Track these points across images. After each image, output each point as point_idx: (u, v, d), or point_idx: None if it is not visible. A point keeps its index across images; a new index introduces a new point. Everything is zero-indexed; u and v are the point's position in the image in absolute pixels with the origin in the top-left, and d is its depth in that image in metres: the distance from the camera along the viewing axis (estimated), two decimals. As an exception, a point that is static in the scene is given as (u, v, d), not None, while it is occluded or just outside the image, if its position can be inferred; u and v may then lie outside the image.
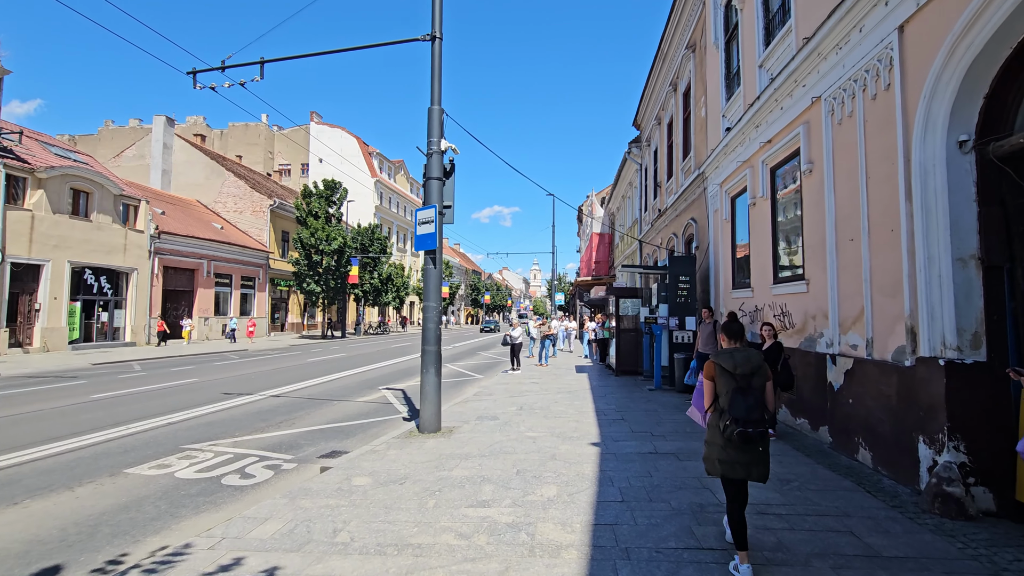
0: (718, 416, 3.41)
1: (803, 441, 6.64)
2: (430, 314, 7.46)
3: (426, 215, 7.52)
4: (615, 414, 8.62)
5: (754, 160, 8.92)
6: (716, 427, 3.41)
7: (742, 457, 3.33)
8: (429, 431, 7.33)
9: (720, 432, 3.36)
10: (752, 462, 3.35)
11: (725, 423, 3.31)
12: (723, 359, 3.45)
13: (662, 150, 17.60)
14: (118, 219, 24.46)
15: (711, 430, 3.49)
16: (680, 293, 11.41)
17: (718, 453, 3.40)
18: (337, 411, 9.59)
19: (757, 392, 3.35)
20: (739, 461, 3.34)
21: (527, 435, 7.13)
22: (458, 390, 12.25)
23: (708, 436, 3.53)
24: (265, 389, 11.97)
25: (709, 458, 3.48)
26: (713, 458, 3.44)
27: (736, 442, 3.30)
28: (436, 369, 7.44)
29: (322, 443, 7.34)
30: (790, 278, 7.64)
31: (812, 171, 6.90)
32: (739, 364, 3.38)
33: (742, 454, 3.33)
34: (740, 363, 3.39)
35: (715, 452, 3.43)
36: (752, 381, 3.37)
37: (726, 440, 3.33)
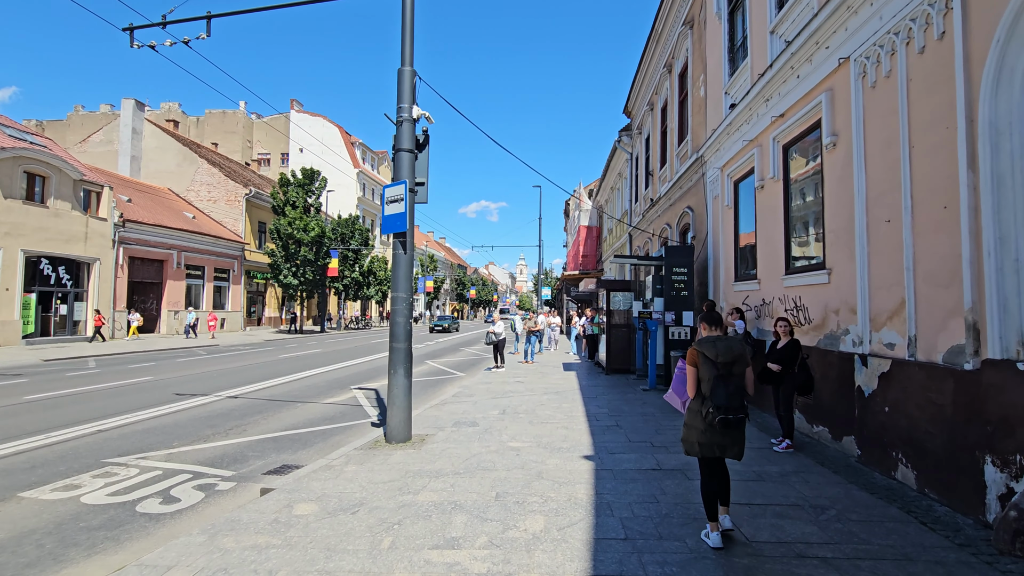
0: (700, 402, 3.61)
1: (824, 453, 5.81)
2: (399, 306, 6.50)
3: (394, 193, 6.54)
4: (608, 419, 7.75)
5: (763, 138, 8.06)
6: (698, 412, 3.62)
7: (721, 440, 3.57)
8: (397, 441, 6.38)
9: (702, 417, 3.56)
10: (729, 444, 3.60)
11: (708, 409, 3.51)
12: (706, 347, 3.59)
13: (655, 137, 16.75)
14: (78, 206, 22.98)
15: (692, 414, 3.68)
16: (677, 286, 10.56)
17: (698, 436, 3.61)
18: (299, 415, 8.58)
19: (737, 380, 3.58)
20: (717, 443, 3.57)
21: (510, 445, 6.22)
22: (436, 390, 11.29)
23: (688, 419, 3.71)
24: (224, 389, 10.90)
25: (688, 440, 3.68)
26: (693, 440, 3.64)
27: (717, 427, 3.52)
28: (406, 370, 6.48)
29: (273, 455, 6.35)
30: (806, 268, 6.81)
31: (836, 145, 6.05)
32: (721, 352, 3.55)
33: (721, 437, 3.56)
34: (722, 352, 3.55)
35: (695, 435, 3.63)
36: (733, 369, 3.57)
37: (707, 425, 3.54)
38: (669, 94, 14.70)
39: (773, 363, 6.07)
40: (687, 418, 3.72)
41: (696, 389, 3.68)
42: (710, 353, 3.56)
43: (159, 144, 35.47)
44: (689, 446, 3.67)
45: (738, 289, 9.22)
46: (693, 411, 3.66)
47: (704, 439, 3.58)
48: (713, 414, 3.48)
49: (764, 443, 6.26)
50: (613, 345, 13.08)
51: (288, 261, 31.34)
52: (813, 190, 6.75)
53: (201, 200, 34.58)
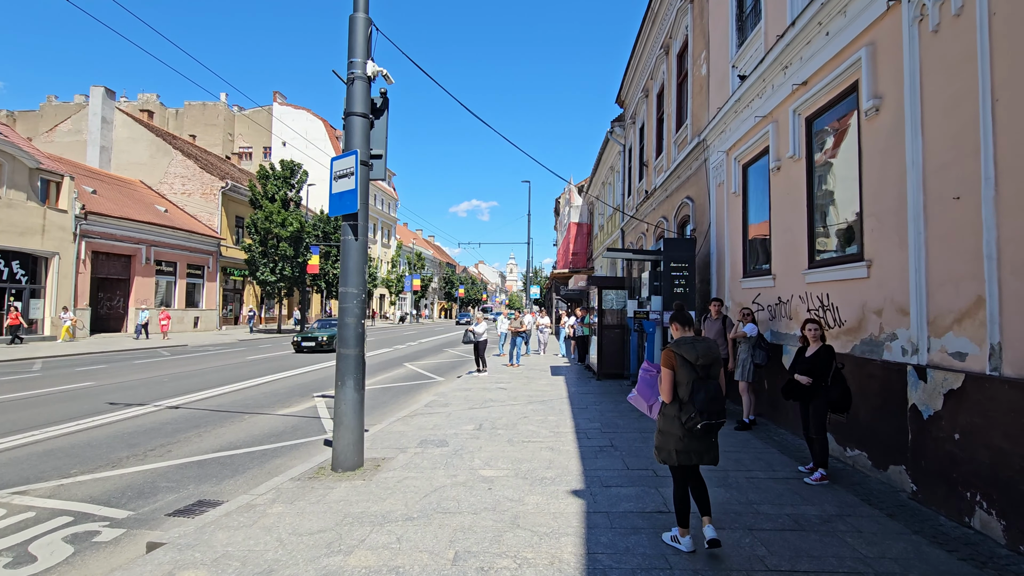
0: (677, 408, 3.43)
1: (866, 485, 4.74)
2: (349, 303, 5.34)
3: (343, 166, 5.38)
4: (601, 436, 6.64)
5: (780, 112, 7.00)
6: (675, 418, 3.44)
7: (698, 446, 3.42)
8: (345, 468, 5.22)
9: (680, 423, 3.40)
10: (706, 450, 3.46)
11: (690, 415, 3.35)
12: (684, 349, 3.42)
13: (650, 125, 15.69)
14: (35, 196, 21.49)
15: (668, 420, 3.49)
16: (676, 283, 9.49)
17: (675, 444, 3.44)
18: (243, 430, 7.39)
19: (715, 382, 3.43)
20: (695, 449, 3.41)
21: (482, 474, 5.08)
22: (408, 398, 10.13)
23: (664, 426, 3.52)
24: (168, 397, 9.66)
25: (664, 448, 3.50)
26: (670, 448, 3.46)
27: (698, 433, 3.38)
28: (356, 381, 5.32)
29: (191, 486, 5.17)
30: (837, 260, 5.74)
31: (879, 110, 4.99)
32: (701, 355, 3.40)
33: (699, 443, 3.42)
34: (702, 354, 3.41)
35: (672, 443, 3.45)
36: (711, 371, 3.45)
37: (687, 431, 3.38)
38: (666, 77, 13.63)
39: (802, 374, 5.00)
40: (662, 424, 3.52)
41: (672, 394, 3.46)
42: (689, 356, 3.39)
43: (131, 134, 33.87)
44: (666, 455, 3.48)
45: (747, 286, 8.16)
46: (669, 417, 3.47)
47: (682, 446, 3.40)
48: (695, 419, 3.33)
49: (789, 470, 5.19)
50: (605, 348, 11.99)
51: (265, 257, 29.93)
52: (846, 168, 5.68)
53: (175, 193, 33.05)
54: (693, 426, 3.33)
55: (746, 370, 6.84)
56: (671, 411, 3.46)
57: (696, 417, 3.32)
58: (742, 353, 6.92)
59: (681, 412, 3.39)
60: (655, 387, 3.77)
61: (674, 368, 3.43)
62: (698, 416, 3.32)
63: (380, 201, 58.59)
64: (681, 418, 3.38)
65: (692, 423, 3.33)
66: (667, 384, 3.45)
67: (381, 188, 58.43)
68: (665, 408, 3.51)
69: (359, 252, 5.38)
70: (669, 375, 3.45)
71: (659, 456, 3.53)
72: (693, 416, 3.33)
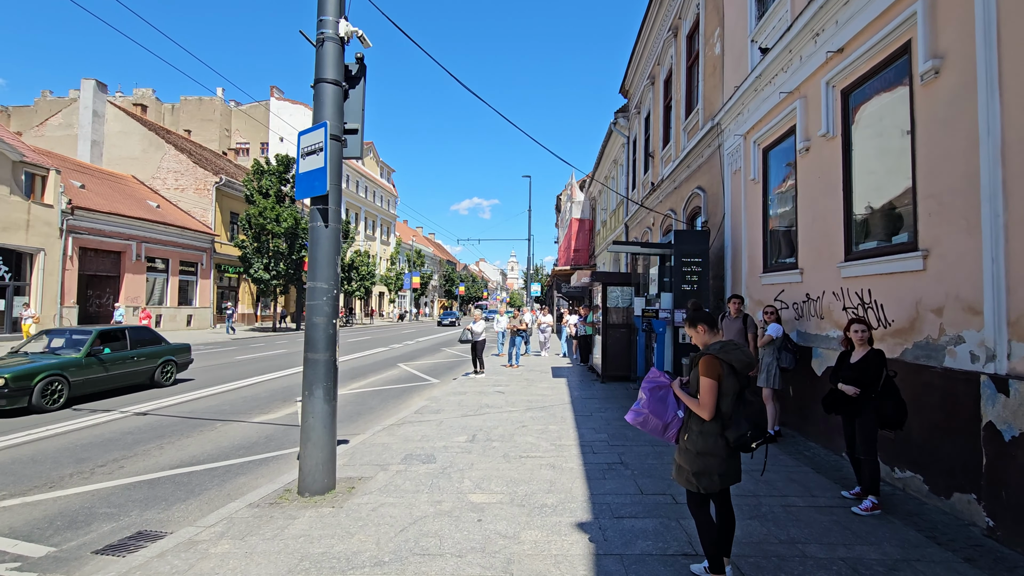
0: (719, 424, 2.87)
1: (926, 516, 4.00)
2: (318, 300, 4.60)
3: (312, 141, 4.64)
4: (608, 450, 5.90)
5: (809, 86, 6.25)
6: (718, 436, 2.87)
7: (735, 465, 2.97)
8: (313, 492, 4.49)
9: (726, 442, 2.86)
10: (738, 468, 3.01)
11: (742, 432, 2.83)
12: (734, 355, 2.88)
13: (656, 113, 14.93)
14: (18, 190, 20.76)
15: (709, 439, 2.87)
16: (688, 279, 8.74)
17: (718, 466, 2.88)
18: (212, 440, 6.67)
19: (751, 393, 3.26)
20: (733, 470, 2.95)
21: (471, 500, 4.35)
22: (398, 403, 9.40)
23: (703, 447, 2.88)
24: (138, 402, 8.94)
25: (707, 472, 2.88)
26: (712, 471, 2.88)
27: (746, 450, 2.88)
28: (326, 391, 4.59)
29: (135, 513, 4.44)
30: (882, 250, 4.99)
31: (940, 72, 4.23)
32: (742, 361, 2.89)
33: (737, 463, 2.97)
34: (744, 360, 2.90)
35: (715, 465, 2.87)
36: (749, 381, 3.17)
37: (732, 450, 2.89)
38: (674, 61, 12.86)
39: (846, 383, 4.26)
40: (702, 445, 2.89)
41: (715, 408, 2.86)
42: (738, 363, 2.89)
43: (123, 128, 33.12)
44: (708, 481, 2.89)
45: (768, 282, 7.42)
46: (710, 435, 2.88)
47: (724, 468, 2.91)
48: (749, 436, 2.83)
49: (831, 496, 4.45)
50: (610, 348, 11.25)
51: (260, 254, 29.21)
52: (894, 144, 4.93)
53: (168, 188, 32.31)
54: (745, 444, 2.83)
55: (771, 376, 6.09)
56: (713, 428, 2.88)
57: (751, 434, 2.83)
58: (766, 357, 6.17)
59: (727, 429, 2.87)
60: (672, 403, 3.07)
61: (720, 379, 2.85)
62: (754, 432, 2.84)
63: (379, 198, 57.87)
64: (728, 436, 2.86)
65: (744, 441, 2.83)
66: (711, 397, 2.84)
67: (380, 184, 57.72)
68: (705, 426, 2.90)
69: (330, 241, 4.64)
70: (714, 387, 2.85)
71: (700, 484, 2.91)
72: (746, 433, 2.83)
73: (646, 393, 3.08)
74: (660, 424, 3.05)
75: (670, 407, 3.04)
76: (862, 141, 5.43)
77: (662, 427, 3.06)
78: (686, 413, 3.00)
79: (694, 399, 2.90)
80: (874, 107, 5.23)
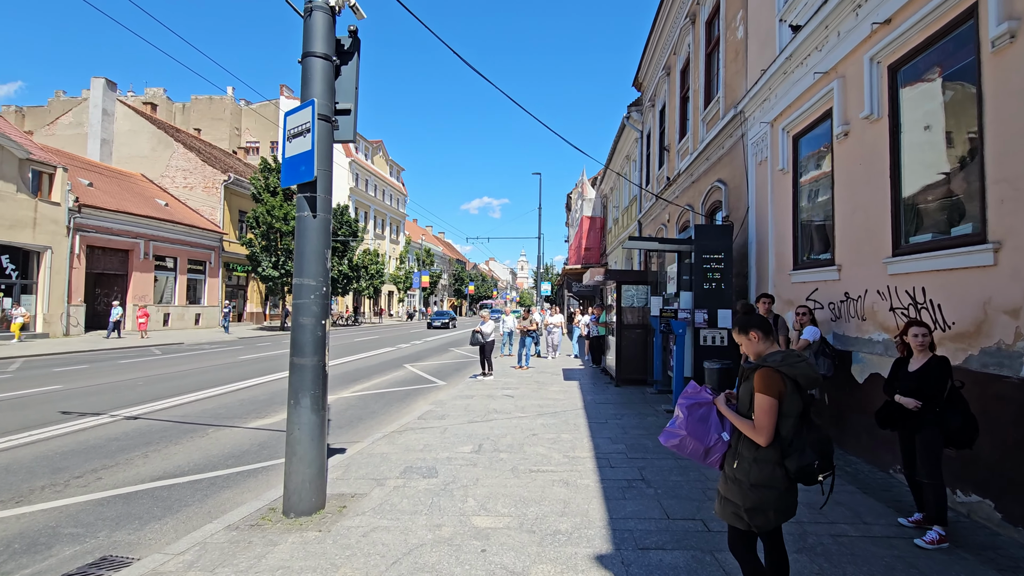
0: (778, 451, 2.34)
1: (1003, 550, 3.45)
2: (305, 299, 4.14)
3: (299, 122, 4.18)
4: (627, 464, 5.38)
5: (849, 64, 5.68)
6: (776, 465, 2.35)
7: (793, 500, 2.43)
8: (299, 512, 4.02)
9: (785, 473, 2.34)
10: (795, 502, 2.45)
11: (808, 461, 2.29)
12: (799, 369, 2.35)
13: (672, 105, 14.35)
14: (25, 188, 20.64)
15: (765, 469, 2.35)
16: (710, 276, 8.18)
17: (776, 501, 2.36)
18: (200, 449, 6.25)
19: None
20: (791, 505, 2.42)
21: (475, 524, 3.86)
22: (402, 407, 8.94)
23: (759, 478, 2.35)
24: (132, 404, 8.57)
25: (763, 508, 2.36)
26: (768, 508, 2.36)
27: (803, 483, 2.36)
28: (314, 400, 4.12)
29: (103, 534, 4.01)
30: (943, 243, 4.41)
31: (1016, 36, 3.67)
32: (808, 376, 2.37)
33: (795, 495, 2.43)
34: (811, 375, 2.38)
35: (772, 499, 2.35)
36: (813, 399, 2.60)
37: (791, 483, 2.37)
38: (692, 49, 12.28)
39: (905, 395, 3.71)
40: (756, 476, 2.36)
41: (774, 431, 2.33)
42: (804, 379, 2.36)
43: (132, 127, 33.10)
44: (762, 518, 2.38)
45: (799, 280, 6.85)
46: (766, 464, 2.36)
47: (782, 504, 2.40)
48: (817, 468, 2.30)
49: (886, 523, 3.90)
50: (625, 350, 10.71)
51: (268, 252, 28.98)
52: (955, 124, 4.36)
53: (176, 187, 32.24)
54: (810, 476, 2.30)
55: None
56: (770, 456, 2.36)
57: (818, 463, 2.30)
58: (801, 361, 5.61)
59: (787, 457, 2.34)
60: (715, 423, 2.54)
61: (782, 397, 2.34)
62: (821, 461, 2.30)
63: (389, 196, 57.64)
64: (788, 466, 2.34)
65: (809, 471, 2.30)
66: (769, 419, 2.33)
67: (390, 183, 57.48)
68: (760, 453, 2.37)
69: (319, 233, 4.17)
70: (774, 407, 2.33)
71: (751, 521, 2.39)
72: (813, 463, 2.29)
73: (683, 411, 2.56)
74: (701, 448, 2.52)
75: (713, 428, 2.52)
76: (914, 122, 4.86)
77: (703, 452, 2.53)
78: (734, 436, 2.49)
79: (747, 420, 2.38)
80: (929, 82, 4.66)
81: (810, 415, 2.39)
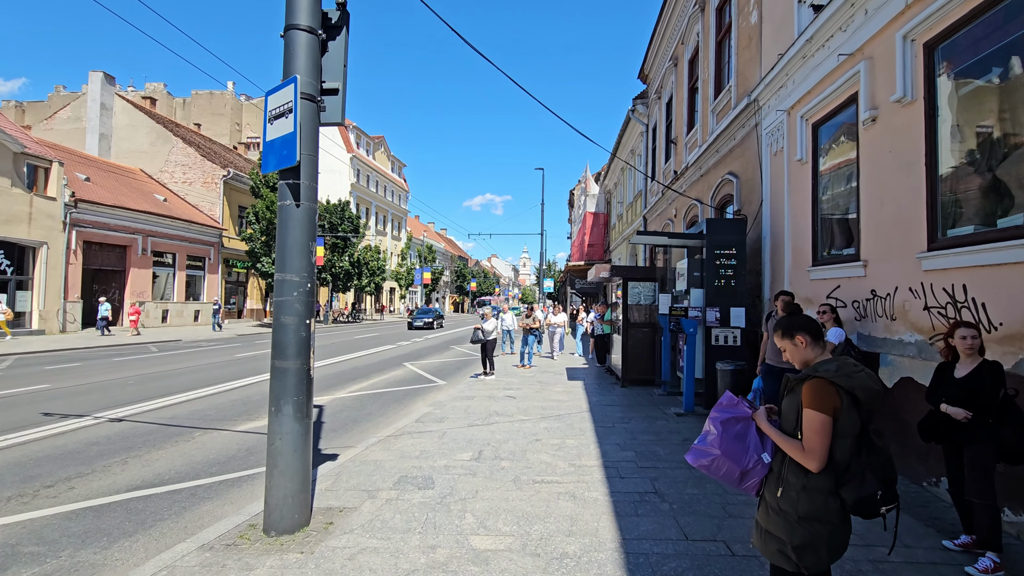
0: (832, 478, 1.95)
1: (1064, 579, 3.07)
2: (287, 296, 3.77)
3: (280, 102, 3.80)
4: (638, 474, 5.02)
5: (877, 44, 5.27)
6: (830, 496, 1.96)
7: (847, 536, 2.03)
8: (281, 530, 3.67)
9: (840, 504, 1.95)
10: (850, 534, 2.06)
11: (870, 492, 1.89)
12: (857, 381, 1.95)
13: (679, 97, 13.93)
14: (20, 182, 20.32)
15: (817, 499, 1.96)
16: (722, 273, 7.80)
17: (829, 537, 1.97)
18: (185, 454, 5.90)
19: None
20: (845, 542, 2.02)
21: (473, 545, 3.50)
22: (400, 408, 8.58)
23: (809, 510, 1.96)
24: (120, 405, 8.23)
25: (816, 546, 1.96)
26: (820, 545, 1.97)
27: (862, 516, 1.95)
28: (298, 407, 3.75)
29: (66, 553, 3.66)
30: (989, 236, 4.02)
31: (1081, 3, 3.27)
32: (869, 390, 1.96)
33: (849, 528, 2.03)
34: (872, 388, 1.97)
35: (824, 535, 1.96)
36: (873, 416, 2.04)
37: (845, 516, 1.98)
38: (701, 38, 11.86)
39: (953, 404, 3.34)
40: (806, 507, 1.96)
41: (827, 455, 1.92)
42: (863, 392, 1.93)
43: (131, 121, 32.76)
44: (814, 557, 1.97)
45: (819, 277, 6.46)
46: (818, 494, 1.95)
47: (836, 540, 1.99)
48: (874, 499, 1.88)
49: (928, 546, 3.52)
50: (631, 349, 10.33)
51: (268, 248, 28.64)
52: (1009, 100, 3.96)
53: (175, 182, 31.92)
54: (871, 508, 1.91)
55: (831, 386, 5.14)
56: (822, 484, 1.96)
57: (881, 494, 1.90)
58: (824, 364, 5.22)
59: (843, 486, 1.94)
60: (753, 442, 2.15)
61: (837, 414, 1.94)
62: (885, 491, 1.90)
63: (390, 193, 57.27)
64: (845, 496, 1.94)
65: (870, 504, 1.90)
66: (822, 440, 1.93)
67: (391, 179, 57.10)
68: (811, 480, 1.97)
69: (303, 223, 3.80)
70: (827, 425, 1.92)
71: (801, 560, 1.99)
72: (875, 494, 1.89)
73: (717, 427, 2.18)
74: (736, 471, 2.13)
75: (751, 447, 2.14)
76: (953, 104, 4.46)
77: (738, 475, 2.14)
78: (776, 458, 2.11)
79: (794, 441, 2.00)
80: (972, 60, 4.26)
81: (870, 435, 2.00)
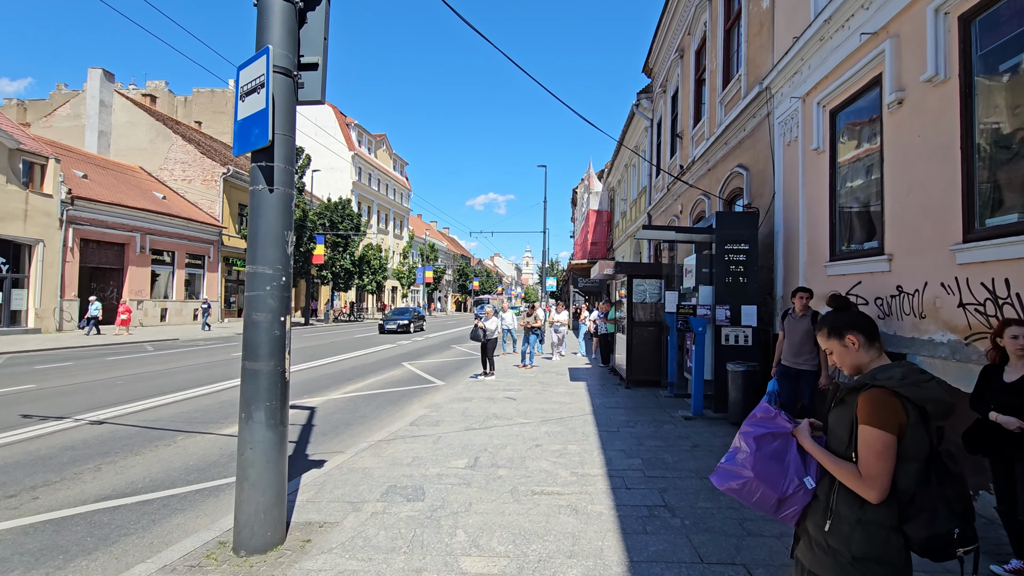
0: (894, 511, 1.56)
1: None
2: (259, 290, 3.41)
3: (252, 76, 3.44)
4: (645, 484, 4.65)
5: (904, 21, 4.88)
6: (892, 531, 1.57)
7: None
8: (252, 549, 3.32)
9: (903, 543, 1.57)
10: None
11: (942, 531, 1.50)
12: (927, 392, 1.55)
13: (686, 89, 13.54)
14: (16, 179, 20.06)
15: (875, 534, 1.57)
16: (733, 269, 7.42)
17: None
18: (162, 460, 5.56)
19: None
20: None
21: (463, 570, 3.14)
22: (394, 410, 8.23)
23: (863, 548, 1.57)
24: (103, 407, 7.90)
25: None
26: None
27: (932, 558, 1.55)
28: (271, 413, 3.39)
29: (16, 574, 3.32)
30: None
31: None
32: (940, 403, 1.56)
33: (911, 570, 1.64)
34: (943, 401, 1.56)
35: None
36: (943, 435, 1.69)
37: (909, 558, 1.59)
38: (709, 27, 11.46)
39: (1003, 411, 2.96)
40: (862, 546, 1.57)
41: (889, 482, 1.53)
42: (933, 405, 1.53)
43: (130, 119, 32.52)
44: None
45: (837, 272, 6.07)
46: (878, 528, 1.56)
47: None
48: (950, 538, 1.49)
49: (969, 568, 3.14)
50: (636, 349, 9.95)
51: (266, 246, 28.31)
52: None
53: (175, 180, 31.66)
54: (945, 548, 1.52)
55: (853, 390, 4.77)
56: (883, 518, 1.57)
57: (958, 532, 1.50)
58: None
59: (910, 521, 1.55)
60: (794, 462, 1.77)
61: (903, 432, 1.55)
62: (963, 528, 1.51)
63: (392, 191, 56.99)
64: (911, 533, 1.55)
65: (945, 543, 1.51)
66: (885, 464, 1.53)
67: (393, 177, 56.81)
68: (868, 512, 1.58)
69: (277, 211, 3.45)
70: (891, 446, 1.54)
71: None
72: (952, 531, 1.50)
73: (750, 443, 1.79)
74: (773, 497, 1.74)
75: (791, 469, 1.76)
76: (994, 82, 4.07)
77: (775, 502, 1.75)
78: (823, 483, 1.74)
79: (848, 464, 1.62)
80: (1016, 31, 3.86)
81: (942, 459, 1.62)
